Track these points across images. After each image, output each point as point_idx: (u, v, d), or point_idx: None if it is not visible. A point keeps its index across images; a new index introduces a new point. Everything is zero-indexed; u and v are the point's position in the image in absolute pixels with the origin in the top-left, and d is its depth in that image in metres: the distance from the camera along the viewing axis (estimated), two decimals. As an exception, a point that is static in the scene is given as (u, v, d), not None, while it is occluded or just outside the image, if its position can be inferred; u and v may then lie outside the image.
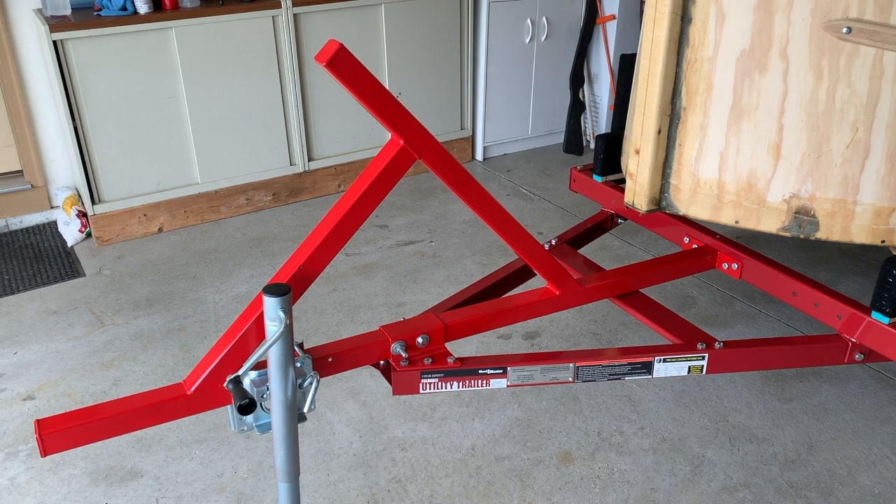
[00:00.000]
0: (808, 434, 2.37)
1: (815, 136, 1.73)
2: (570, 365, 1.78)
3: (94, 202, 3.50)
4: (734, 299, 3.07)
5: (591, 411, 2.47)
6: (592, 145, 4.69)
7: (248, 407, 1.44)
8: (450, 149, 4.40)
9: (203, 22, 3.45)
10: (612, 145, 2.38)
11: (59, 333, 2.91)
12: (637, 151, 1.93)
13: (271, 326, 1.40)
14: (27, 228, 3.77)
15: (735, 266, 2.12)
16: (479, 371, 1.74)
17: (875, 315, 1.79)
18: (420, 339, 1.72)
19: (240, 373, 1.48)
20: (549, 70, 4.50)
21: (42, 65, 3.54)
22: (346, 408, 2.49)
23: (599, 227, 2.46)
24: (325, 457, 2.29)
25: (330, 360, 1.64)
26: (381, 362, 1.75)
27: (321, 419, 2.44)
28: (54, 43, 3.17)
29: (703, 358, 1.85)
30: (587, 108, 4.64)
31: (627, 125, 2.18)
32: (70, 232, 3.59)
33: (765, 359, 1.90)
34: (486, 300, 1.95)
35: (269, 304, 1.39)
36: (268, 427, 1.55)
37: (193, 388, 1.51)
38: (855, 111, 1.68)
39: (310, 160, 3.97)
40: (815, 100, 1.70)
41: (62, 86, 3.25)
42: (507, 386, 1.77)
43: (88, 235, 3.64)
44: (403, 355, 1.70)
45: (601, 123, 4.66)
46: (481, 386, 1.75)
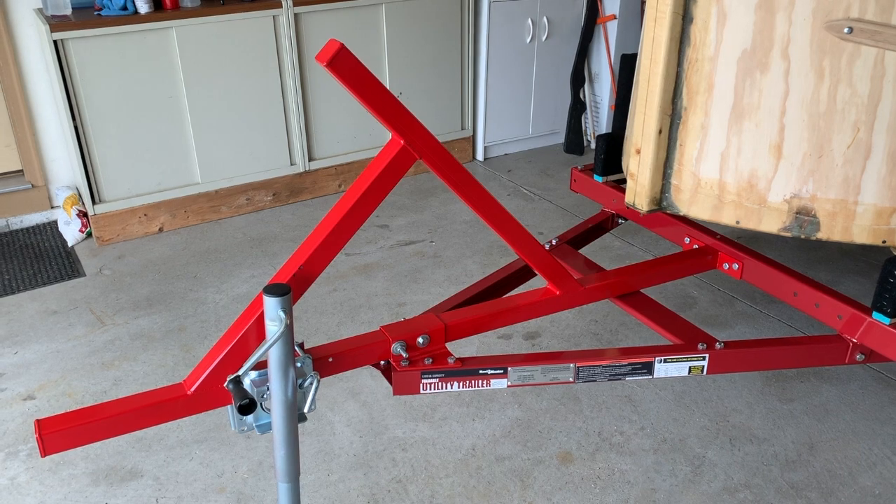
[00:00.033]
0: (809, 434, 2.37)
1: (817, 136, 1.72)
2: (571, 365, 1.78)
3: (94, 202, 3.50)
4: (735, 299, 3.07)
5: (592, 411, 2.46)
6: (593, 145, 4.69)
7: (248, 407, 1.44)
8: (450, 149, 4.40)
9: (204, 21, 3.45)
10: (612, 145, 2.38)
11: (60, 333, 2.91)
12: (638, 151, 1.93)
13: (272, 326, 1.40)
14: (28, 228, 3.77)
15: (736, 266, 2.12)
16: (480, 371, 1.73)
17: (876, 315, 1.79)
18: (420, 340, 1.72)
19: (240, 373, 1.48)
20: (550, 70, 4.50)
21: (43, 64, 3.54)
22: (346, 408, 2.49)
23: (600, 227, 2.46)
24: (325, 457, 2.29)
25: (330, 360, 1.64)
26: (381, 362, 1.75)
27: (321, 419, 2.44)
28: (55, 43, 3.17)
29: (704, 358, 1.85)
30: (588, 108, 4.64)
31: (628, 125, 2.18)
32: (70, 232, 3.59)
33: (765, 359, 1.90)
34: (486, 300, 1.95)
35: (270, 304, 1.39)
36: (268, 427, 1.55)
37: (194, 388, 1.51)
38: (856, 111, 1.68)
39: (310, 160, 3.97)
40: (817, 100, 1.70)
41: (63, 85, 3.25)
42: (508, 386, 1.77)
43: (89, 235, 3.64)
44: (404, 355, 1.70)
45: (602, 123, 4.66)
46: (482, 386, 1.75)
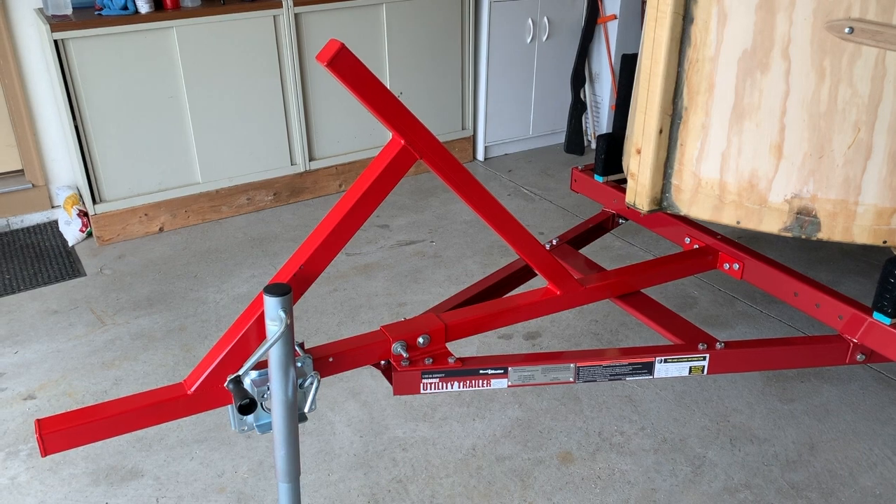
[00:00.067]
0: (810, 435, 2.37)
1: (817, 136, 1.72)
2: (571, 365, 1.78)
3: (94, 202, 3.50)
4: (735, 300, 3.07)
5: (592, 411, 2.46)
6: (593, 145, 4.69)
7: (248, 407, 1.44)
8: (451, 149, 4.40)
9: (204, 21, 3.44)
10: (613, 145, 2.38)
11: (60, 333, 2.91)
12: (638, 151, 1.93)
13: (272, 326, 1.40)
14: (28, 228, 3.77)
15: (736, 266, 2.12)
16: (480, 371, 1.73)
17: (876, 316, 1.78)
18: (421, 339, 1.72)
19: (240, 373, 1.48)
20: (551, 70, 4.50)
21: (43, 64, 3.54)
22: (346, 408, 2.49)
23: (600, 227, 2.46)
24: (325, 457, 2.29)
25: (331, 360, 1.64)
26: (381, 362, 1.75)
27: (322, 419, 2.44)
28: (55, 42, 3.17)
29: (705, 358, 1.85)
30: (588, 108, 4.64)
31: (629, 125, 2.18)
32: (71, 231, 3.60)
33: (766, 359, 1.90)
34: (487, 300, 1.95)
35: (270, 304, 1.39)
36: (268, 427, 1.55)
37: (194, 388, 1.51)
38: (857, 111, 1.68)
39: (311, 160, 3.97)
40: (817, 100, 1.70)
41: (63, 85, 3.25)
42: (508, 386, 1.77)
43: (89, 235, 3.64)
44: (404, 355, 1.70)
45: (602, 123, 4.66)
46: (482, 386, 1.75)
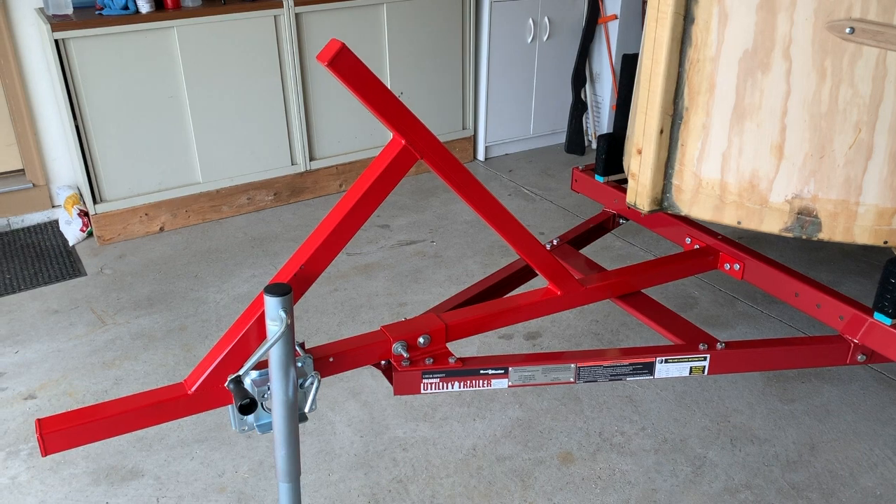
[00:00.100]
0: (810, 435, 2.37)
1: (818, 136, 1.72)
2: (572, 365, 1.78)
3: (95, 201, 3.50)
4: (736, 300, 3.07)
5: (593, 412, 2.46)
6: (594, 145, 4.69)
7: (248, 407, 1.44)
8: (451, 148, 4.40)
9: (205, 21, 3.44)
10: (613, 145, 2.38)
11: (61, 332, 2.91)
12: (639, 151, 1.92)
13: (272, 326, 1.40)
14: (29, 227, 3.77)
15: (737, 267, 2.12)
16: (481, 371, 1.73)
17: (877, 316, 1.78)
18: (421, 340, 1.72)
19: (241, 372, 1.47)
20: (551, 70, 4.50)
21: (44, 64, 3.54)
22: (347, 408, 2.49)
23: (601, 227, 2.46)
24: (326, 457, 2.29)
25: (331, 359, 1.64)
26: (382, 362, 1.75)
27: (322, 419, 2.44)
28: (56, 42, 3.17)
29: (705, 359, 1.85)
30: (589, 108, 4.64)
31: (629, 125, 2.18)
32: (71, 231, 3.60)
33: (766, 360, 1.90)
34: (487, 300, 1.95)
35: (271, 304, 1.39)
36: (269, 427, 1.55)
37: (194, 388, 1.51)
38: (858, 112, 1.68)
39: (311, 160, 3.97)
40: (818, 100, 1.70)
41: (64, 85, 3.25)
42: (509, 386, 1.76)
43: (90, 235, 3.64)
44: (405, 355, 1.70)
45: (603, 123, 4.65)
46: (482, 386, 1.75)
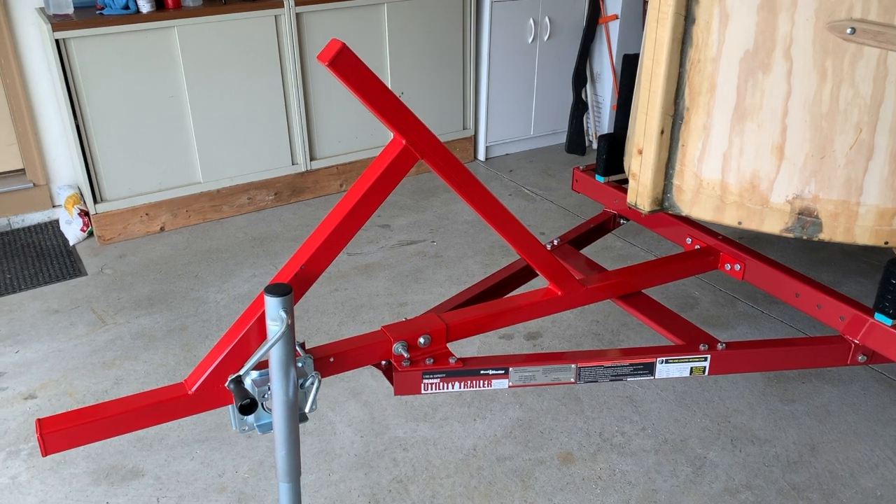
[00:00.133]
0: (811, 435, 2.37)
1: (819, 136, 1.72)
2: (572, 366, 1.78)
3: (95, 201, 3.50)
4: (736, 300, 3.06)
5: (593, 412, 2.46)
6: (595, 145, 4.68)
7: (249, 407, 1.44)
8: (452, 148, 4.40)
9: (205, 21, 3.44)
10: (614, 145, 2.38)
11: (61, 332, 2.91)
12: (640, 152, 1.92)
13: (273, 326, 1.40)
14: (29, 227, 3.77)
15: (738, 267, 2.12)
16: (481, 371, 1.73)
17: (878, 317, 1.78)
18: (422, 340, 1.72)
19: (241, 373, 1.47)
20: (552, 70, 4.50)
21: (44, 64, 3.55)
22: (347, 408, 2.49)
23: (602, 227, 2.46)
24: (326, 457, 2.29)
25: (331, 360, 1.63)
26: (382, 362, 1.74)
27: (322, 419, 2.44)
28: (57, 42, 3.17)
29: (706, 359, 1.85)
30: (590, 108, 4.64)
31: (630, 125, 2.18)
32: (72, 231, 3.60)
33: (767, 360, 1.90)
34: (488, 300, 1.95)
35: (271, 304, 1.39)
36: (269, 427, 1.55)
37: (195, 388, 1.51)
38: (858, 112, 1.68)
39: (312, 160, 3.97)
40: (819, 100, 1.70)
41: (64, 84, 3.25)
42: (509, 386, 1.76)
43: (90, 234, 3.64)
44: (405, 355, 1.70)
45: (604, 123, 4.65)
46: (483, 386, 1.74)
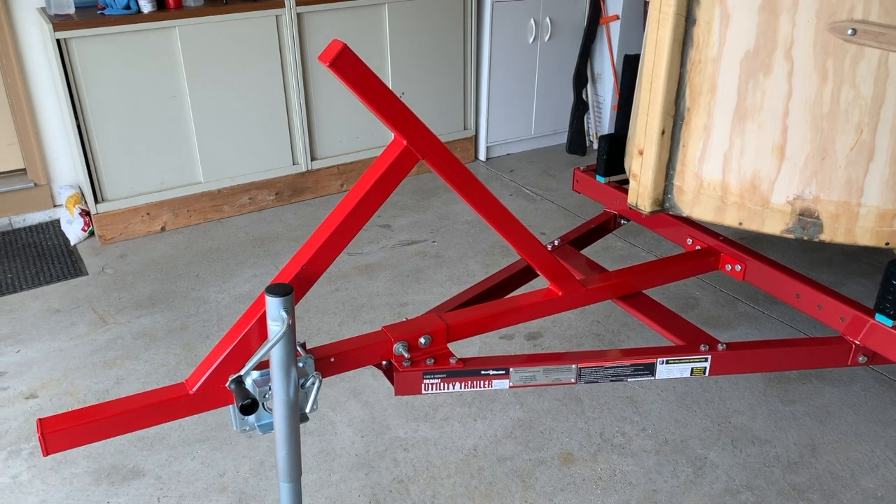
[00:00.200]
0: (811, 436, 2.37)
1: (820, 137, 1.72)
2: (573, 366, 1.78)
3: (96, 201, 3.50)
4: (737, 301, 3.06)
5: (594, 412, 2.46)
6: (596, 146, 4.68)
7: (250, 407, 1.44)
8: (453, 149, 4.40)
9: (206, 21, 3.45)
10: (615, 146, 2.38)
11: (62, 332, 2.92)
12: (640, 152, 1.92)
13: (274, 326, 1.40)
14: (30, 227, 3.77)
15: (738, 267, 2.12)
16: (482, 372, 1.73)
17: (879, 317, 1.78)
18: (422, 340, 1.72)
19: (242, 373, 1.48)
20: (553, 70, 4.50)
21: (45, 63, 3.55)
22: (348, 408, 2.49)
23: (602, 227, 2.46)
24: (326, 457, 2.29)
25: (332, 360, 1.64)
26: (383, 362, 1.75)
27: (323, 419, 2.44)
28: (58, 42, 3.17)
29: (706, 359, 1.85)
30: (590, 109, 4.64)
31: (631, 126, 2.18)
32: (73, 230, 3.60)
33: (768, 361, 1.90)
34: (488, 301, 1.95)
35: (272, 304, 1.39)
36: (270, 427, 1.55)
37: (195, 388, 1.51)
38: (859, 113, 1.68)
39: (313, 160, 3.97)
40: (820, 101, 1.70)
41: (65, 84, 3.25)
42: (510, 387, 1.76)
43: (91, 234, 3.64)
44: (406, 356, 1.70)
45: (604, 124, 4.65)
46: (483, 387, 1.75)
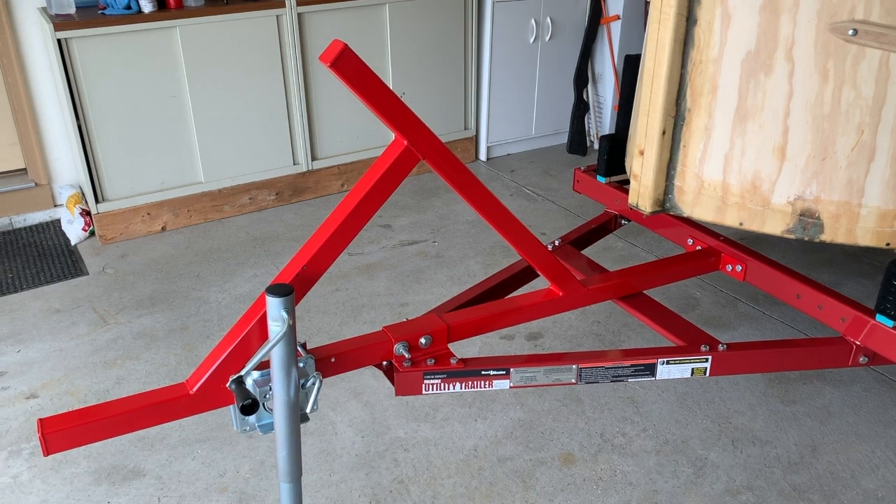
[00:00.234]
0: (812, 437, 2.37)
1: (821, 137, 1.72)
2: (573, 366, 1.78)
3: (97, 201, 3.50)
4: (738, 301, 3.06)
5: (594, 413, 2.46)
6: (596, 146, 4.68)
7: (250, 407, 1.44)
8: (453, 149, 4.40)
9: (207, 21, 3.45)
10: (616, 146, 2.38)
11: (63, 332, 2.92)
12: (641, 152, 1.92)
13: (274, 327, 1.40)
14: (31, 227, 3.77)
15: (739, 268, 2.12)
16: (482, 372, 1.73)
17: (879, 318, 1.78)
18: (423, 340, 1.72)
19: (242, 373, 1.48)
20: (554, 70, 4.50)
21: (46, 63, 3.55)
22: (348, 408, 2.49)
23: (603, 228, 2.46)
24: (327, 457, 2.29)
25: (333, 360, 1.64)
26: (383, 363, 1.75)
27: (323, 419, 2.44)
28: (59, 42, 3.18)
29: (707, 360, 1.85)
30: (591, 109, 4.64)
31: (632, 126, 2.18)
32: (73, 230, 3.60)
33: (768, 361, 1.90)
34: (489, 301, 1.95)
35: (272, 305, 1.39)
36: (270, 427, 1.55)
37: (196, 388, 1.51)
38: (860, 113, 1.68)
39: (313, 160, 3.98)
40: (821, 102, 1.70)
41: (66, 84, 3.25)
42: (510, 387, 1.76)
43: (92, 234, 3.64)
44: (406, 356, 1.70)
45: (605, 124, 4.65)
46: (484, 387, 1.75)
